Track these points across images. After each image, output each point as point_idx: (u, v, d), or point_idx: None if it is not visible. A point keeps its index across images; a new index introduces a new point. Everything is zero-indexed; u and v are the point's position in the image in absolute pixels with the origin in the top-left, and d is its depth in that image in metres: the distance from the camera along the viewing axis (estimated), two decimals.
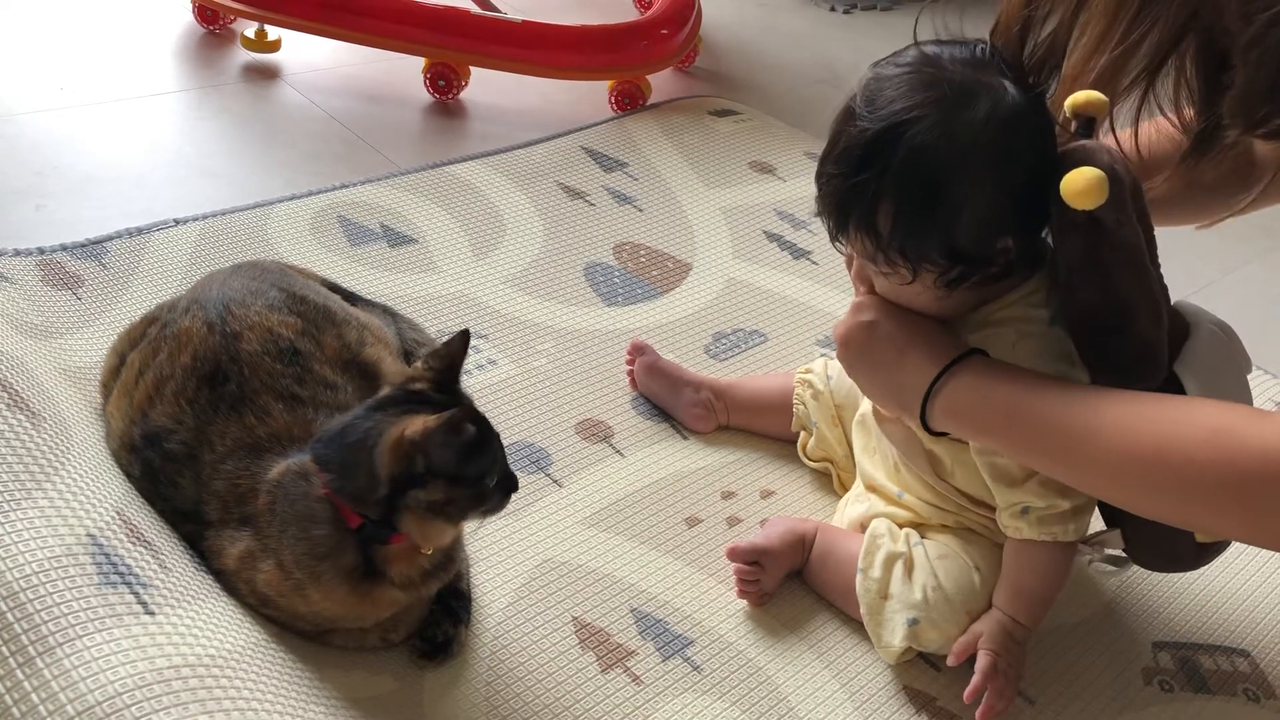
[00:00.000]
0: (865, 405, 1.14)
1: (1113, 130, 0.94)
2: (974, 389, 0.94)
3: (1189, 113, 0.90)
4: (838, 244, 0.98)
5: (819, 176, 0.97)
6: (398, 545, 0.91)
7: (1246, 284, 1.78)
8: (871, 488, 1.13)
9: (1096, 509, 1.02)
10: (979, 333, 0.97)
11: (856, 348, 1.01)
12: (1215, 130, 0.86)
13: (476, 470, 0.89)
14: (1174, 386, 0.93)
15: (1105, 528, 1.04)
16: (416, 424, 0.87)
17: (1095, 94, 0.91)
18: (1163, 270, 0.98)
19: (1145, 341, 0.92)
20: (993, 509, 1.01)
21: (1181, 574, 1.18)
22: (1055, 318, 0.97)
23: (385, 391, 0.94)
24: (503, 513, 0.94)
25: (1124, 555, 1.07)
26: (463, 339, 0.96)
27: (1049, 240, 0.96)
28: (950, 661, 1.01)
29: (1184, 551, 0.99)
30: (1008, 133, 0.90)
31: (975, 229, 0.91)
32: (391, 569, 0.92)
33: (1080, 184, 0.85)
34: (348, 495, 0.89)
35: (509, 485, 0.93)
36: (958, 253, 0.92)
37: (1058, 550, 0.98)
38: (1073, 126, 0.93)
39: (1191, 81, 0.87)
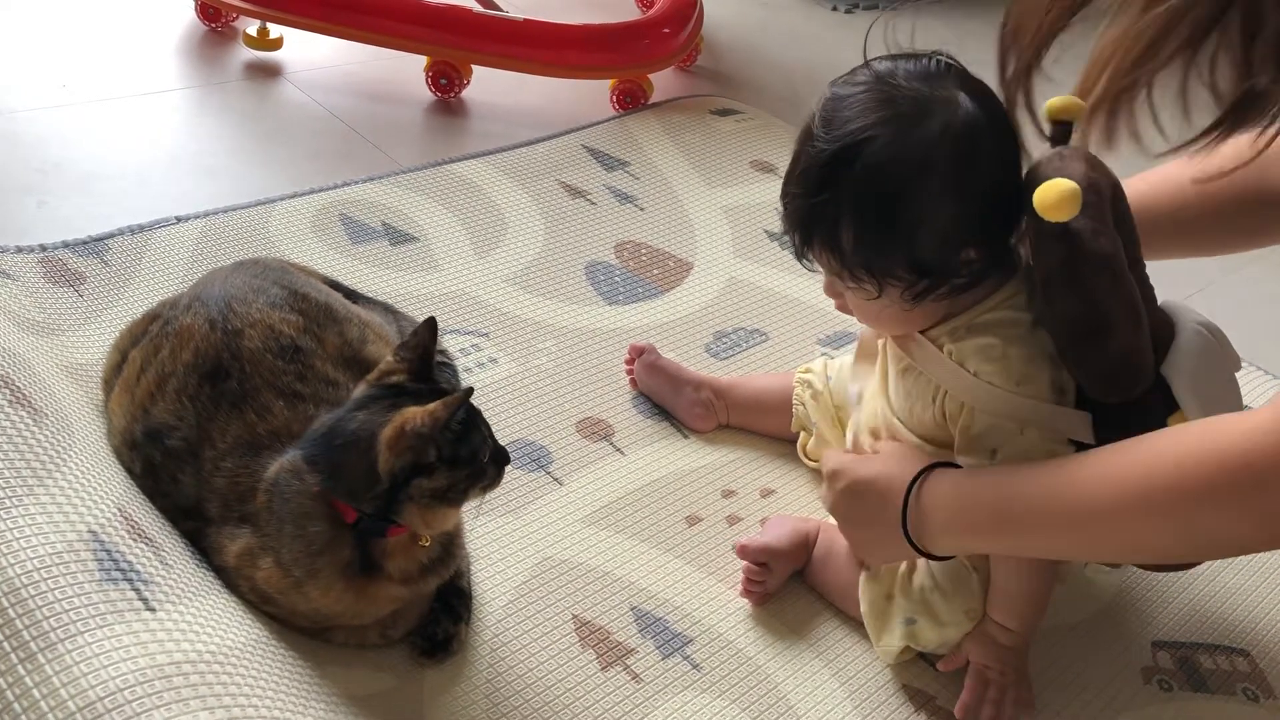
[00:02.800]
0: (859, 415, 1.13)
1: (1154, 119, 0.91)
2: (955, 499, 0.94)
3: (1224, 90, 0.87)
4: (804, 261, 0.99)
5: (783, 195, 0.98)
6: (395, 539, 0.91)
7: (1248, 284, 1.78)
8: None
9: None
10: (964, 341, 0.96)
11: (846, 514, 1.02)
12: (1253, 98, 0.83)
13: (469, 449, 0.90)
14: (1162, 389, 0.93)
15: None
16: (415, 415, 0.87)
17: (1072, 99, 0.90)
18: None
19: (1125, 349, 0.91)
20: None
21: (1180, 574, 1.18)
22: (1039, 321, 0.96)
23: (362, 390, 0.94)
24: (499, 507, 0.94)
25: None
26: (429, 327, 0.96)
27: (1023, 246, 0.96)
28: (941, 667, 1.02)
29: None
30: (963, 146, 0.90)
31: (937, 243, 0.91)
32: (390, 563, 0.92)
33: (1053, 197, 0.85)
34: (342, 493, 0.89)
35: (501, 458, 0.94)
36: (922, 267, 0.92)
37: None
38: (1048, 132, 0.93)
39: (1235, 52, 0.85)
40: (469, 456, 0.90)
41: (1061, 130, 0.93)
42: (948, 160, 0.90)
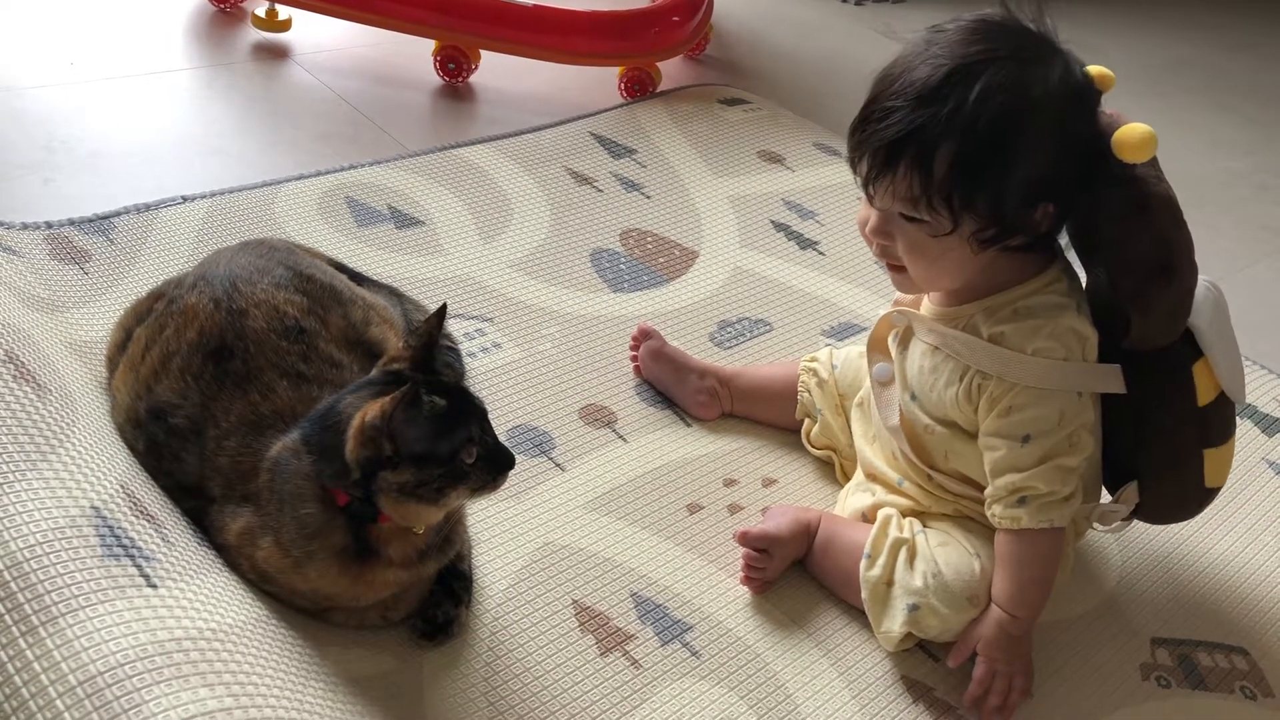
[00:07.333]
0: (865, 389, 1.14)
1: None
2: None
3: None
4: (869, 189, 0.96)
5: (870, 115, 0.94)
6: (389, 524, 0.91)
7: (1253, 284, 1.78)
8: (872, 476, 1.13)
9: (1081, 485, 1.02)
10: (1011, 324, 0.97)
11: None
12: None
13: (446, 448, 0.87)
14: (1182, 337, 1.00)
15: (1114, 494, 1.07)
16: (374, 407, 0.86)
17: (1103, 70, 0.96)
18: None
19: (1187, 288, 0.97)
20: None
21: (1181, 571, 1.19)
22: (1081, 305, 0.99)
23: (371, 374, 0.94)
24: (501, 492, 0.94)
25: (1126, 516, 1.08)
26: (438, 315, 0.95)
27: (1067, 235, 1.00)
28: (950, 663, 1.02)
29: (1190, 498, 1.07)
30: (1075, 99, 0.93)
31: (1026, 186, 0.92)
32: (388, 548, 0.92)
33: (1135, 137, 0.92)
34: (328, 478, 0.89)
35: (499, 462, 0.91)
36: (1001, 209, 0.92)
37: (1054, 535, 0.99)
38: None
39: None
40: (445, 455, 0.87)
41: (1095, 96, 0.96)
42: (1061, 106, 0.92)
